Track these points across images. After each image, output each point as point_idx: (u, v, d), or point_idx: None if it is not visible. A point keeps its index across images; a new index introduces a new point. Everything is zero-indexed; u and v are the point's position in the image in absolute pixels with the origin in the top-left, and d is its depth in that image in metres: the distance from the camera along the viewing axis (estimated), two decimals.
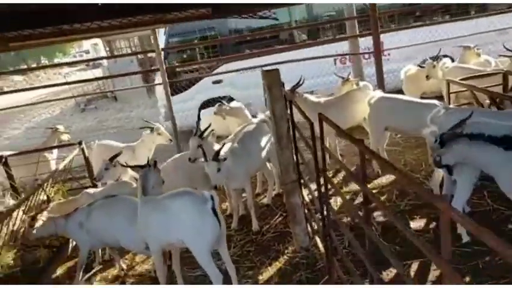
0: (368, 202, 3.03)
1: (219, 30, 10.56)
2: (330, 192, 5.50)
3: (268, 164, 6.21)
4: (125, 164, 4.90)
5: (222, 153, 5.00)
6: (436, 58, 7.32)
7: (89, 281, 5.21)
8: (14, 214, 4.62)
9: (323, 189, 3.93)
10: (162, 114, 10.87)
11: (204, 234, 3.91)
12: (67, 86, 17.19)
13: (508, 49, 7.13)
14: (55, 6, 3.74)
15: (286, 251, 5.05)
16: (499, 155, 3.71)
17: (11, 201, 5.13)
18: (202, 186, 5.37)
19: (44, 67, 33.88)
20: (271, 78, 4.56)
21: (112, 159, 5.47)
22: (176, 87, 10.38)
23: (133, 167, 4.61)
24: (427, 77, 7.23)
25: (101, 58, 19.95)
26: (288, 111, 4.78)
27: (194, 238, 3.93)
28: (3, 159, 6.22)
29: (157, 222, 4.08)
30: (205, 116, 7.80)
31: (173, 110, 10.17)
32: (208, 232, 3.92)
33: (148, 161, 4.52)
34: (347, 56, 10.36)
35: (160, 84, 9.28)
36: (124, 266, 5.30)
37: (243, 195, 6.10)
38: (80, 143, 6.31)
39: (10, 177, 6.19)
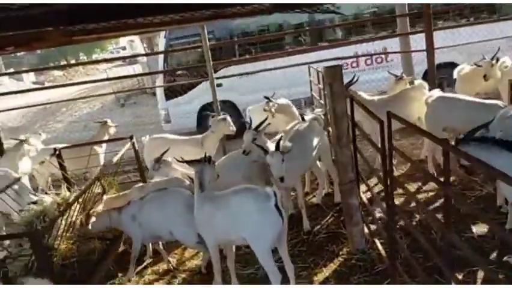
0: (448, 203, 2.89)
1: (218, 34, 10.73)
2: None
3: (318, 163, 6.09)
4: (181, 159, 4.87)
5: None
6: (494, 57, 7.04)
7: (140, 274, 5.24)
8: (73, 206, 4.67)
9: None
10: (162, 116, 10.98)
11: (267, 232, 3.86)
12: (105, 82, 17.50)
13: None
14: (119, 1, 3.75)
15: (340, 253, 4.93)
16: (506, 160, 3.44)
17: (67, 193, 5.20)
18: (255, 183, 5.31)
19: (86, 63, 34.64)
20: (333, 74, 4.45)
21: (158, 158, 5.50)
22: (173, 90, 10.56)
23: (188, 162, 4.58)
24: (485, 76, 6.94)
25: (147, 54, 20.03)
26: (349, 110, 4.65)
27: (257, 235, 3.87)
28: (57, 152, 6.33)
29: (218, 219, 4.04)
30: (254, 113, 7.72)
31: (172, 112, 10.45)
32: (271, 229, 3.86)
33: (205, 156, 4.48)
34: (348, 61, 10.20)
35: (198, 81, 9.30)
36: (174, 261, 5.30)
37: (292, 193, 6.00)
38: (131, 138, 6.35)
39: (63, 169, 6.30)
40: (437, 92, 5.99)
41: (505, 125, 4.57)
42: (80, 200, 4.89)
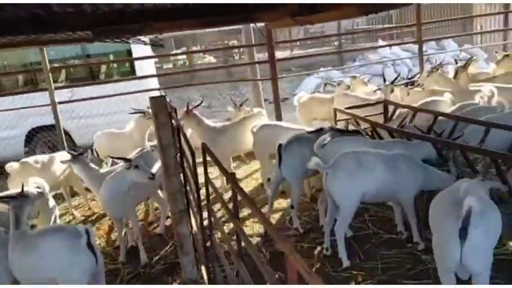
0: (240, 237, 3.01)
1: None
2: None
3: (160, 192, 6.01)
4: None
5: None
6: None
7: None
8: None
9: (206, 221, 3.86)
10: None
11: (78, 272, 3.67)
12: None
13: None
14: None
15: (174, 283, 4.87)
16: None
17: None
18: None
19: None
20: (158, 105, 4.44)
21: None
22: None
23: (2, 198, 4.18)
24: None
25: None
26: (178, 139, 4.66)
27: (67, 276, 3.66)
28: None
29: (27, 262, 3.77)
30: (101, 138, 7.46)
31: None
32: (82, 269, 3.69)
33: (22, 190, 4.14)
34: None
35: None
36: None
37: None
38: None
39: None
40: (262, 121, 6.36)
41: (321, 153, 4.98)
42: None
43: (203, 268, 4.69)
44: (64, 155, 6.13)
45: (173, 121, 4.62)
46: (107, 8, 3.78)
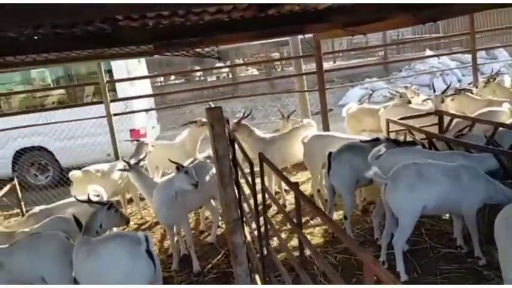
0: (303, 246, 2.99)
1: None
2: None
3: (213, 201, 6.08)
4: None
5: None
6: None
7: None
8: None
9: (262, 229, 3.87)
10: None
11: (137, 278, 3.75)
12: None
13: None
14: None
15: None
16: None
17: None
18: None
19: None
20: (214, 115, 4.51)
21: None
22: None
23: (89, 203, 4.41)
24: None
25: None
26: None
27: (126, 282, 3.73)
28: None
29: (89, 267, 3.89)
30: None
31: None
32: (141, 275, 3.77)
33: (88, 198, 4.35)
34: None
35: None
36: None
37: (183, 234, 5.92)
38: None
39: None
40: (312, 131, 6.34)
41: (376, 164, 4.88)
42: None
43: (257, 277, 4.70)
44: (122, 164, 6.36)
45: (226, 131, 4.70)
46: (169, 22, 3.91)
